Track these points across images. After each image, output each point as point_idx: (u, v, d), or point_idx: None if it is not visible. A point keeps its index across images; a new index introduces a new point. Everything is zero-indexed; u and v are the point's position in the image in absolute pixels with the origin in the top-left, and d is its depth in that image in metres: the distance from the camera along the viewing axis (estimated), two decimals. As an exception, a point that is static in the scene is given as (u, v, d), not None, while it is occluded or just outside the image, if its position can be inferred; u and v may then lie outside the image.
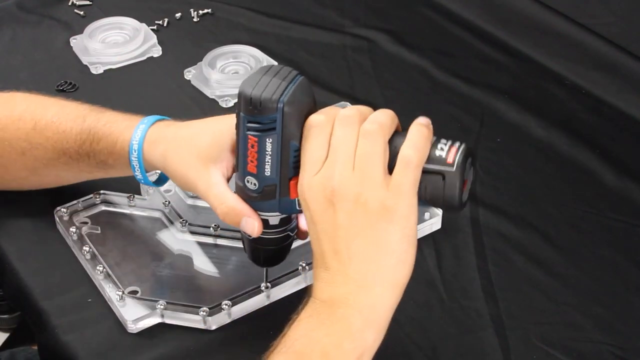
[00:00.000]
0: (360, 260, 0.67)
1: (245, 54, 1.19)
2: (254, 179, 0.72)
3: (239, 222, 0.75)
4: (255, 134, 0.70)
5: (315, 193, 0.68)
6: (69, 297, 0.85)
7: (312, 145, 0.69)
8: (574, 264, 0.90)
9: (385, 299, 0.67)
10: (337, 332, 0.66)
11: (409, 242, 0.68)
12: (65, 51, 1.23)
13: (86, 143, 0.84)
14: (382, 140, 0.68)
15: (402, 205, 0.67)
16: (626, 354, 0.80)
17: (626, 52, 1.15)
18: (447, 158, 0.68)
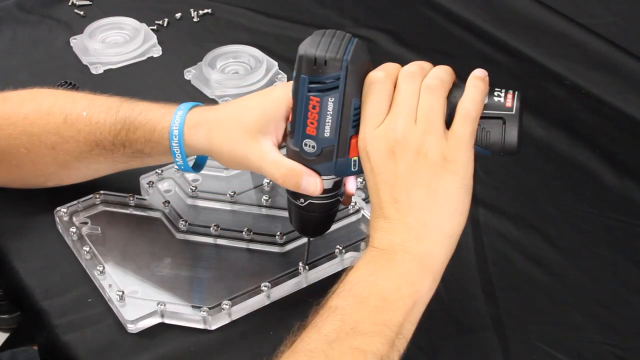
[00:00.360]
0: (419, 209, 0.70)
1: (245, 54, 1.19)
2: (312, 141, 0.74)
3: (300, 183, 0.76)
4: (318, 94, 0.72)
5: (377, 144, 0.71)
6: (69, 297, 0.85)
7: (375, 99, 0.72)
8: (574, 264, 0.90)
9: (441, 247, 0.70)
10: (395, 277, 0.69)
11: (466, 192, 0.71)
12: (65, 51, 1.23)
13: (121, 133, 0.85)
14: (443, 95, 0.71)
15: (460, 156, 0.70)
16: (626, 354, 0.80)
17: (626, 52, 1.15)
18: (505, 103, 0.71)
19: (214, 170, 0.98)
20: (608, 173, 1.00)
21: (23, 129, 0.88)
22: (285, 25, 1.28)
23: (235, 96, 1.12)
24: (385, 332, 0.67)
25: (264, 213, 0.93)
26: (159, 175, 0.96)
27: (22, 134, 0.88)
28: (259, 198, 0.95)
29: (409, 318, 0.68)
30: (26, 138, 0.88)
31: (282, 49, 1.23)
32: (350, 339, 0.66)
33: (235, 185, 0.97)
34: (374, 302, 0.68)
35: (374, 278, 0.69)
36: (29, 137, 0.88)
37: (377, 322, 0.67)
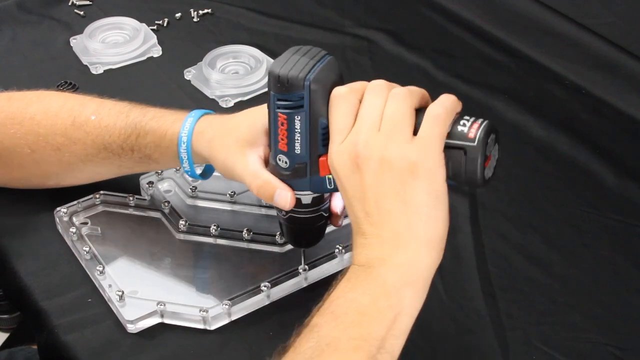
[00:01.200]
0: (391, 220, 0.68)
1: (245, 54, 1.19)
2: (284, 157, 0.74)
3: (272, 196, 0.76)
4: (285, 112, 0.72)
5: (342, 159, 0.70)
6: (68, 297, 0.85)
7: (338, 114, 0.71)
8: (573, 264, 0.90)
9: (421, 256, 0.68)
10: (373, 290, 0.67)
11: (437, 197, 0.68)
12: (65, 51, 1.23)
13: (131, 137, 0.85)
14: (409, 102, 0.69)
15: (427, 160, 0.67)
16: (626, 354, 0.80)
17: (626, 52, 1.14)
18: (468, 133, 0.69)
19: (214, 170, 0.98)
20: (608, 173, 1.00)
21: (29, 129, 0.88)
22: (285, 25, 1.28)
23: (235, 96, 1.12)
24: (364, 347, 0.64)
25: (263, 213, 0.93)
26: (159, 175, 0.96)
27: (28, 134, 0.88)
28: (259, 198, 0.94)
29: (391, 332, 0.66)
30: (32, 138, 0.88)
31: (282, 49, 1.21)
32: (326, 356, 0.64)
33: (235, 185, 0.96)
34: (352, 317, 0.66)
35: (352, 294, 0.67)
36: (35, 137, 0.88)
37: (354, 337, 0.65)
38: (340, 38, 1.26)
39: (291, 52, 0.73)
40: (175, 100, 1.13)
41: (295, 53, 0.73)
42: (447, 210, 0.68)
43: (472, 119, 0.70)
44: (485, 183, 0.70)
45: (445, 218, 0.68)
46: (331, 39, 1.26)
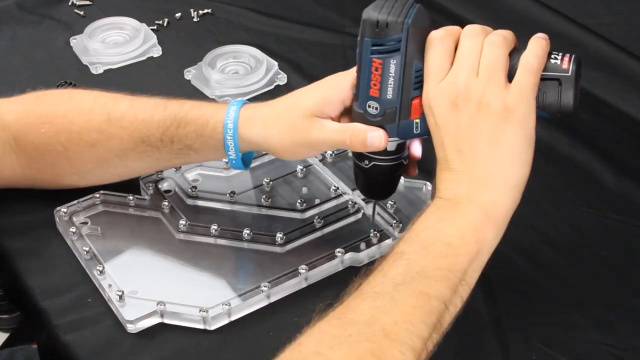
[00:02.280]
0: (482, 159, 0.72)
1: (245, 54, 1.19)
2: (375, 102, 0.76)
3: (365, 140, 0.78)
4: (380, 57, 0.74)
5: (440, 98, 0.73)
6: (68, 297, 0.85)
7: (436, 55, 0.74)
8: (574, 264, 0.90)
9: (505, 197, 0.72)
10: (460, 225, 0.71)
11: (529, 142, 0.73)
12: (65, 51, 1.23)
13: (171, 128, 0.86)
14: (504, 49, 0.73)
15: (522, 106, 0.72)
16: (626, 354, 0.80)
17: (626, 52, 1.14)
18: (562, 65, 0.74)
19: (214, 170, 0.98)
20: (608, 173, 1.00)
21: (61, 127, 0.88)
22: (285, 25, 1.28)
23: (235, 96, 1.12)
24: (449, 278, 0.69)
25: (264, 213, 0.94)
26: (158, 175, 0.96)
27: (61, 131, 0.88)
28: (259, 198, 0.95)
29: (472, 265, 0.70)
30: (65, 135, 0.88)
31: (282, 49, 1.23)
32: (415, 283, 0.68)
33: (235, 185, 0.97)
34: (439, 248, 0.70)
35: (440, 225, 0.71)
36: (68, 134, 0.88)
37: (442, 268, 0.69)
38: (340, 38, 1.26)
39: (381, 0, 0.75)
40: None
41: (387, 0, 0.75)
42: (532, 154, 0.73)
43: (560, 53, 0.75)
44: (576, 111, 0.74)
45: (530, 162, 0.73)
46: (331, 39, 1.26)
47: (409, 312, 0.67)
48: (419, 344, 0.66)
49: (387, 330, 0.65)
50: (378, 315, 0.66)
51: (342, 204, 0.94)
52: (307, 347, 0.65)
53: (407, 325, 0.66)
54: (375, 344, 0.64)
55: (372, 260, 0.88)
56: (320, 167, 0.99)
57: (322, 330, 0.66)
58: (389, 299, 0.67)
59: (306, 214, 0.93)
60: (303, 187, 0.97)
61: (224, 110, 0.85)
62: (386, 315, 0.66)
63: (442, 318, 0.68)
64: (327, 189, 0.96)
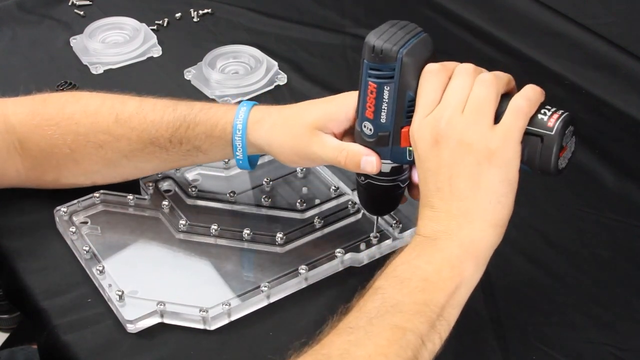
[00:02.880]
0: (461, 197, 0.71)
1: (245, 54, 1.19)
2: (370, 124, 0.77)
3: (359, 162, 0.79)
4: (375, 81, 0.75)
5: (424, 132, 0.73)
6: (68, 297, 0.85)
7: (427, 89, 0.74)
8: (573, 264, 0.90)
9: (484, 235, 0.71)
10: (437, 260, 0.70)
11: (510, 185, 0.71)
12: (65, 51, 1.23)
13: (180, 129, 0.86)
14: (495, 89, 0.72)
15: (506, 149, 0.70)
16: (626, 354, 0.80)
17: (626, 52, 1.14)
18: (547, 122, 0.71)
19: (214, 170, 0.98)
20: (608, 173, 1.00)
21: (67, 129, 0.89)
22: (285, 25, 1.28)
23: (235, 96, 1.12)
24: (426, 312, 0.68)
25: (264, 213, 0.93)
26: (159, 175, 0.96)
27: (66, 134, 0.89)
28: (259, 198, 0.95)
29: (451, 301, 0.69)
30: (71, 137, 0.88)
31: (282, 49, 1.23)
32: (390, 316, 0.67)
33: (235, 185, 0.97)
34: (416, 282, 0.69)
35: (417, 261, 0.71)
36: (75, 136, 0.88)
37: (418, 302, 0.68)
38: (340, 38, 1.26)
39: (388, 25, 0.76)
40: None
41: (392, 26, 0.75)
42: (514, 197, 0.71)
43: (553, 109, 0.73)
44: (558, 172, 0.72)
45: (512, 204, 0.72)
46: (331, 39, 1.26)
47: (384, 345, 0.66)
48: None
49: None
50: (351, 350, 0.65)
51: (342, 204, 0.94)
52: None
53: (382, 358, 0.65)
54: None
55: (372, 260, 0.88)
56: (320, 167, 0.99)
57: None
58: (363, 333, 0.66)
59: (306, 214, 0.93)
60: (303, 187, 0.97)
61: (234, 111, 0.85)
62: (360, 349, 0.65)
63: (419, 354, 0.67)
64: (327, 189, 0.96)
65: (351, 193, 0.95)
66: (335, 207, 0.94)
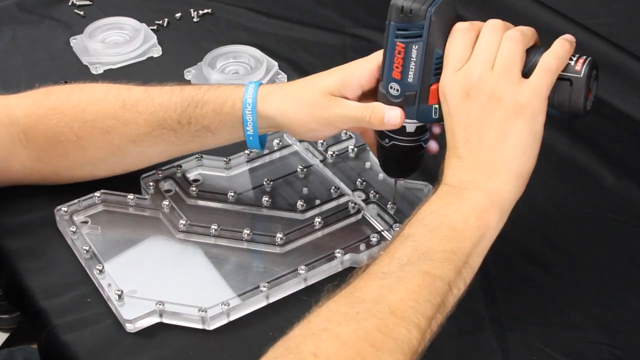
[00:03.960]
0: (489, 150, 0.75)
1: (245, 54, 1.19)
2: (397, 84, 0.80)
3: (383, 117, 0.81)
4: (403, 41, 0.78)
5: (455, 87, 0.76)
6: (68, 297, 0.85)
7: (457, 46, 0.77)
8: (573, 264, 0.90)
9: (509, 186, 0.75)
10: (465, 210, 0.74)
11: (536, 138, 0.75)
12: (65, 51, 1.23)
13: (188, 109, 0.87)
14: (522, 46, 0.76)
15: (534, 104, 0.74)
16: (626, 354, 0.80)
17: (626, 52, 1.14)
18: (575, 66, 0.76)
19: (215, 171, 0.99)
20: (608, 173, 1.00)
21: (74, 117, 0.89)
22: (285, 25, 1.28)
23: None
24: (454, 260, 0.71)
25: (264, 213, 0.93)
26: (159, 175, 0.96)
27: (73, 121, 0.89)
28: (259, 198, 0.95)
29: (476, 249, 0.73)
30: (78, 125, 0.89)
31: (282, 49, 1.23)
32: (421, 263, 0.70)
33: (236, 185, 0.97)
34: (444, 231, 0.72)
35: (445, 210, 0.74)
36: (81, 123, 0.89)
37: (446, 250, 0.71)
38: (340, 38, 1.26)
39: None
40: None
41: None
42: (538, 149, 0.75)
43: (577, 55, 0.76)
44: (586, 113, 0.77)
45: (536, 156, 0.75)
46: (331, 39, 1.26)
47: (415, 291, 0.68)
48: (424, 322, 0.68)
49: (394, 307, 0.67)
50: (385, 294, 0.68)
51: (343, 204, 0.94)
52: (316, 323, 0.67)
53: (413, 303, 0.68)
54: (382, 321, 0.66)
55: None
56: (320, 167, 0.99)
57: (330, 308, 0.68)
58: (395, 279, 0.69)
59: (306, 215, 0.93)
60: (304, 188, 0.97)
61: (242, 89, 0.87)
62: (393, 294, 0.68)
63: (446, 299, 0.70)
64: (328, 189, 0.96)
65: (351, 194, 0.95)
66: (336, 207, 0.94)
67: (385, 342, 0.65)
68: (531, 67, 0.75)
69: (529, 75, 0.75)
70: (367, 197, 0.94)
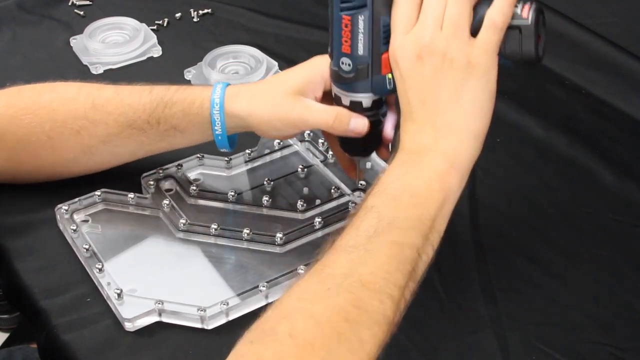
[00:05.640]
0: (445, 110, 0.74)
1: (245, 54, 1.19)
2: (347, 59, 0.79)
3: (348, 124, 0.81)
4: (349, 13, 0.77)
5: (406, 51, 0.76)
6: (68, 297, 0.85)
7: (402, 10, 0.76)
8: (573, 264, 0.90)
9: (467, 146, 0.75)
10: (426, 175, 0.74)
11: (490, 94, 0.75)
12: (65, 51, 1.23)
13: (157, 110, 0.88)
14: (468, 3, 0.75)
15: (485, 61, 0.74)
16: (626, 354, 0.80)
17: (626, 52, 1.14)
18: (522, 14, 0.76)
19: (216, 170, 0.99)
20: (608, 173, 1.00)
21: (45, 117, 0.89)
22: (285, 25, 1.28)
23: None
24: (420, 227, 0.71)
25: (264, 213, 0.93)
26: (160, 174, 0.96)
27: (44, 121, 0.89)
28: (260, 198, 0.95)
29: (440, 213, 0.73)
30: (49, 125, 0.89)
31: (282, 49, 1.23)
32: (387, 234, 0.70)
33: (236, 185, 0.97)
34: (407, 199, 0.72)
35: (406, 177, 0.74)
36: (52, 123, 0.89)
37: (412, 217, 0.71)
38: (340, 38, 1.26)
39: None
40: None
41: None
42: (493, 106, 0.76)
43: (521, 2, 0.76)
44: (539, 59, 0.77)
45: (491, 113, 0.76)
46: (331, 39, 1.25)
47: (384, 261, 0.68)
48: (396, 292, 0.67)
49: (365, 280, 0.67)
50: (354, 267, 0.68)
51: (343, 204, 0.94)
52: (288, 303, 0.67)
53: (384, 274, 0.68)
54: (354, 295, 0.66)
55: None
56: (321, 167, 0.99)
57: (301, 287, 0.68)
58: (363, 251, 0.69)
59: (306, 215, 0.93)
60: (304, 188, 0.97)
61: (210, 89, 0.87)
62: (362, 267, 0.68)
63: (417, 266, 0.70)
64: (328, 189, 0.96)
65: (352, 194, 0.95)
66: (336, 207, 0.94)
67: (359, 315, 0.65)
68: (479, 23, 0.75)
69: (478, 31, 0.75)
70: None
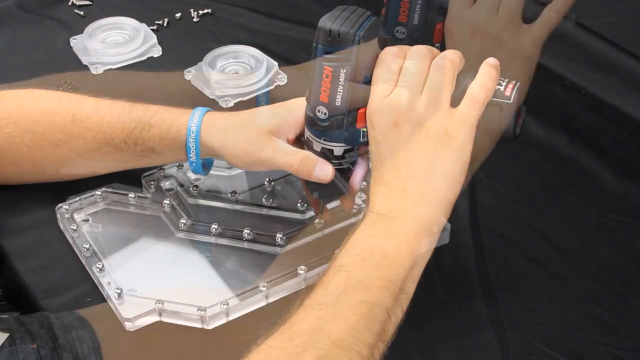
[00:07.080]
0: (417, 178, 0.73)
1: (245, 54, 1.18)
2: (324, 108, 0.78)
3: (313, 169, 0.81)
4: (331, 65, 0.76)
5: (383, 114, 0.74)
6: (68, 297, 0.85)
7: (384, 71, 0.75)
8: (573, 265, 0.90)
9: (438, 213, 0.74)
10: (396, 238, 0.72)
11: (463, 166, 0.74)
12: (65, 51, 1.23)
13: (135, 131, 0.88)
14: (451, 75, 0.74)
15: (463, 134, 0.73)
16: (626, 354, 0.80)
17: (626, 52, 1.14)
18: (504, 92, 0.75)
19: (216, 170, 0.98)
20: (608, 173, 1.00)
21: (25, 128, 0.89)
22: (285, 25, 1.28)
23: (235, 96, 1.12)
24: (389, 287, 0.70)
25: (264, 213, 0.93)
26: (161, 173, 0.96)
27: (25, 132, 0.89)
28: (260, 198, 0.95)
29: (410, 276, 0.71)
30: (29, 136, 0.89)
31: (282, 49, 1.23)
32: (357, 293, 0.69)
33: (237, 185, 0.97)
34: (377, 260, 0.71)
35: (375, 239, 0.72)
36: (32, 135, 0.89)
37: (381, 278, 0.70)
38: (340, 38, 1.26)
39: (339, 10, 0.78)
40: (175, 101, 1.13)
41: (343, 11, 0.77)
42: (464, 176, 0.74)
43: (506, 79, 0.76)
44: (515, 138, 0.78)
45: (462, 182, 0.74)
46: (331, 39, 1.25)
47: (353, 319, 0.67)
48: (365, 350, 0.66)
49: (334, 337, 0.66)
50: (323, 325, 0.67)
51: (342, 204, 0.94)
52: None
53: (353, 332, 0.66)
54: (322, 351, 0.65)
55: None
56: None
57: (269, 345, 0.66)
58: (332, 309, 0.68)
59: (307, 215, 0.93)
60: (304, 188, 0.97)
61: (188, 114, 0.87)
62: (331, 324, 0.67)
63: (386, 327, 0.69)
64: (327, 189, 0.95)
65: (351, 193, 0.95)
66: (336, 208, 0.94)
67: None
68: (461, 93, 0.74)
69: (458, 101, 0.74)
70: (367, 198, 0.94)
